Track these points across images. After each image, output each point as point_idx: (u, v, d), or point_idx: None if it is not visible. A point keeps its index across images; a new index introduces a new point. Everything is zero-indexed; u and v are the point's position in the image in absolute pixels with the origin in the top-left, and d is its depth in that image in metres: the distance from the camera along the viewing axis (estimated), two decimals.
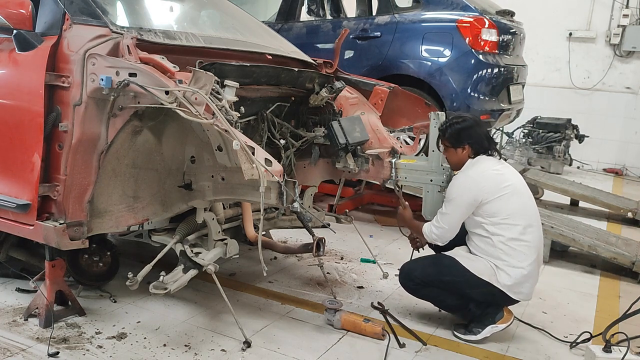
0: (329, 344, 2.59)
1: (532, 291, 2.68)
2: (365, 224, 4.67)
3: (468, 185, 2.59)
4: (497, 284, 2.58)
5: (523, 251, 2.57)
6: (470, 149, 2.68)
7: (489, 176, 2.60)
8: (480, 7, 4.67)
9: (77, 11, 2.45)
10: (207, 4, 3.65)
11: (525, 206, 2.63)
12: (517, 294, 2.61)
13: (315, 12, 5.70)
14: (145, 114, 2.41)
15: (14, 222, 2.51)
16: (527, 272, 2.58)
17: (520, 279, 2.58)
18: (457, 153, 2.70)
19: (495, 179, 2.60)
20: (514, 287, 2.59)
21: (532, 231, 2.60)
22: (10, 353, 2.37)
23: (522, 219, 2.58)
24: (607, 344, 2.39)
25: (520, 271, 2.57)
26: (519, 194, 2.62)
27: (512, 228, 2.57)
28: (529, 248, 2.58)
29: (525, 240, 2.58)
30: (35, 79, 2.36)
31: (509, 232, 2.57)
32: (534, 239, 2.61)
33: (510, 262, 2.57)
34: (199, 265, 2.62)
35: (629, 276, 3.73)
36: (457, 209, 2.61)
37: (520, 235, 2.57)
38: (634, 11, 8.06)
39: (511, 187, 2.60)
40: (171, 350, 2.46)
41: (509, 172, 2.68)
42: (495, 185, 2.58)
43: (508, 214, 2.56)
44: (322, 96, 3.10)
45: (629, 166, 8.18)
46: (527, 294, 2.66)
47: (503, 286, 2.58)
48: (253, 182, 2.16)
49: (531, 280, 2.63)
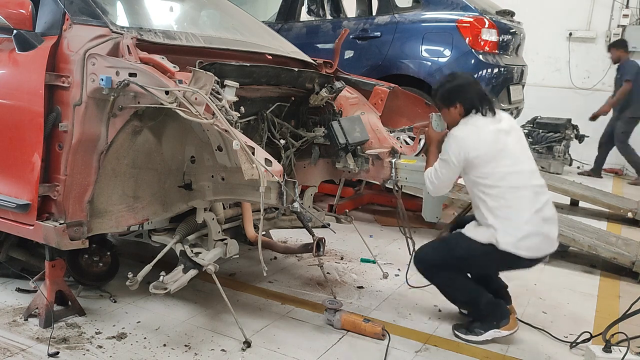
0: (329, 344, 2.59)
1: (548, 248, 2.60)
2: (365, 224, 4.67)
3: (453, 145, 2.59)
4: (499, 245, 2.53)
5: (519, 207, 2.53)
6: (462, 107, 2.66)
7: (479, 137, 2.58)
8: (480, 7, 4.67)
9: (77, 11, 2.45)
10: (207, 4, 3.65)
11: (519, 166, 2.59)
12: (526, 250, 2.53)
13: (315, 12, 5.71)
14: (145, 114, 2.41)
15: (14, 222, 2.51)
16: (528, 227, 2.52)
17: (522, 234, 2.52)
18: (449, 112, 2.70)
19: (485, 138, 2.57)
20: (519, 244, 2.52)
21: (528, 189, 2.56)
22: (10, 353, 2.37)
23: (517, 180, 2.55)
24: (607, 344, 2.39)
25: (519, 226, 2.52)
26: (512, 155, 2.58)
27: (507, 187, 2.54)
28: (527, 203, 2.54)
29: (522, 196, 2.54)
30: (35, 79, 2.36)
31: (503, 191, 2.54)
32: (529, 195, 2.56)
33: (507, 219, 2.53)
34: (199, 265, 2.62)
35: (629, 276, 3.73)
36: (445, 167, 2.62)
37: (516, 192, 2.54)
38: (634, 11, 8.06)
39: (504, 147, 2.57)
40: (171, 350, 2.46)
41: (504, 131, 2.63)
42: (486, 146, 2.55)
43: (501, 175, 2.54)
44: (322, 96, 3.10)
45: (629, 166, 8.18)
46: (539, 248, 2.57)
47: (507, 245, 2.52)
48: (253, 182, 2.16)
49: (539, 235, 2.55)
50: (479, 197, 2.60)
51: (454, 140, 2.61)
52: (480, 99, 2.66)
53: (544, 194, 2.62)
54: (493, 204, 2.55)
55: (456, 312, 2.99)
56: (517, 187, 2.55)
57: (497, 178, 2.54)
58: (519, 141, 2.68)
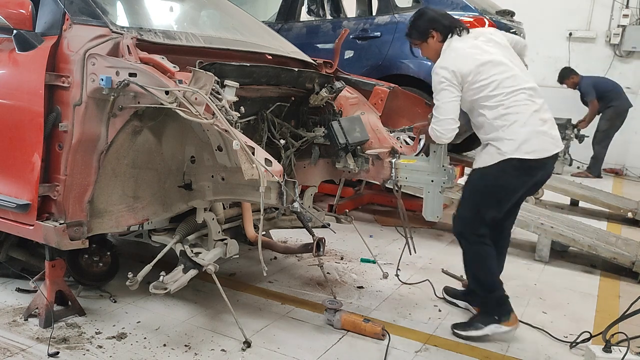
0: (329, 344, 2.59)
1: (553, 148, 2.58)
2: (365, 224, 4.67)
3: (440, 70, 2.60)
4: (505, 155, 2.54)
5: (517, 110, 2.53)
6: (438, 33, 2.70)
7: (462, 55, 2.60)
8: (480, 7, 4.67)
9: (77, 11, 2.44)
10: (207, 4, 3.65)
11: (510, 72, 2.58)
12: (531, 152, 2.52)
13: (315, 12, 5.71)
14: (145, 114, 2.41)
15: (14, 222, 2.51)
16: (527, 129, 2.52)
17: (523, 137, 2.51)
18: (429, 45, 2.74)
19: (469, 55, 2.59)
20: (522, 147, 2.52)
21: (524, 92, 2.56)
22: (10, 353, 2.37)
23: (511, 83, 2.55)
24: (607, 344, 2.39)
25: (518, 130, 2.52)
26: (501, 63, 2.58)
27: (504, 94, 2.54)
28: (523, 105, 2.54)
29: (518, 99, 2.54)
30: (35, 79, 2.36)
31: (500, 98, 2.54)
32: (525, 97, 2.56)
33: (507, 127, 2.53)
34: (199, 265, 2.61)
35: (629, 276, 3.73)
36: (441, 96, 2.61)
37: (512, 96, 2.54)
38: (634, 11, 8.07)
39: (490, 57, 2.58)
40: (171, 350, 2.46)
41: (489, 44, 2.63)
42: (472, 62, 2.56)
43: (496, 83, 2.55)
44: (322, 96, 3.10)
45: (629, 166, 8.19)
46: (544, 149, 2.55)
47: (511, 152, 2.53)
48: (253, 182, 2.16)
49: (539, 135, 2.53)
50: (480, 114, 2.61)
51: (436, 67, 2.62)
52: (451, 22, 2.71)
53: (539, 96, 2.63)
54: (492, 115, 2.57)
55: (456, 311, 2.99)
56: (513, 91, 2.55)
57: (493, 87, 2.55)
58: (502, 49, 2.67)
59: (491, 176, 2.62)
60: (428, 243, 4.19)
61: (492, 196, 2.67)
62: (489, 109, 2.57)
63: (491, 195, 2.67)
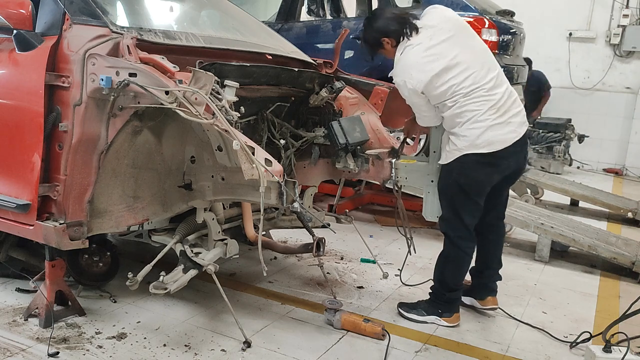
0: (329, 344, 2.59)
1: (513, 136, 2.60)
2: (365, 224, 4.68)
3: (400, 80, 2.65)
4: (462, 151, 2.60)
5: (473, 108, 2.56)
6: (391, 39, 2.71)
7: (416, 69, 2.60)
8: (480, 7, 4.67)
9: (77, 11, 2.44)
10: (207, 4, 3.65)
11: (469, 71, 2.58)
12: (487, 145, 2.57)
13: (315, 12, 5.71)
14: (145, 114, 2.41)
15: (14, 222, 2.51)
16: (481, 124, 2.55)
17: (478, 133, 2.56)
18: (387, 50, 2.76)
19: (422, 67, 2.59)
20: (476, 142, 2.57)
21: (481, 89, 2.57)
22: (10, 353, 2.37)
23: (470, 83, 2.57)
24: (607, 344, 2.39)
25: (473, 126, 2.56)
26: (456, 67, 2.58)
27: (462, 95, 2.57)
28: (480, 103, 2.56)
29: (475, 97, 2.57)
30: (35, 79, 2.35)
31: (457, 98, 2.57)
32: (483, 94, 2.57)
33: (461, 123, 2.59)
34: (199, 265, 2.61)
35: (629, 276, 3.73)
36: (409, 99, 2.69)
37: (470, 96, 2.57)
38: (634, 11, 8.07)
39: (444, 66, 2.57)
40: (171, 350, 2.46)
41: (440, 41, 2.61)
42: (425, 75, 2.57)
43: (452, 90, 2.57)
44: (322, 96, 3.10)
45: (629, 166, 8.18)
46: (501, 140, 2.58)
47: (467, 148, 2.58)
48: (253, 182, 2.16)
49: (495, 127, 2.57)
50: (441, 111, 2.66)
51: (403, 80, 2.63)
52: (399, 25, 2.68)
53: (499, 85, 2.63)
54: (449, 113, 2.62)
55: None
56: (470, 91, 2.57)
57: (451, 92, 2.58)
58: (453, 40, 2.63)
59: (455, 171, 2.67)
60: (428, 243, 4.19)
61: (462, 191, 2.69)
62: (448, 108, 2.62)
63: (460, 189, 2.68)
